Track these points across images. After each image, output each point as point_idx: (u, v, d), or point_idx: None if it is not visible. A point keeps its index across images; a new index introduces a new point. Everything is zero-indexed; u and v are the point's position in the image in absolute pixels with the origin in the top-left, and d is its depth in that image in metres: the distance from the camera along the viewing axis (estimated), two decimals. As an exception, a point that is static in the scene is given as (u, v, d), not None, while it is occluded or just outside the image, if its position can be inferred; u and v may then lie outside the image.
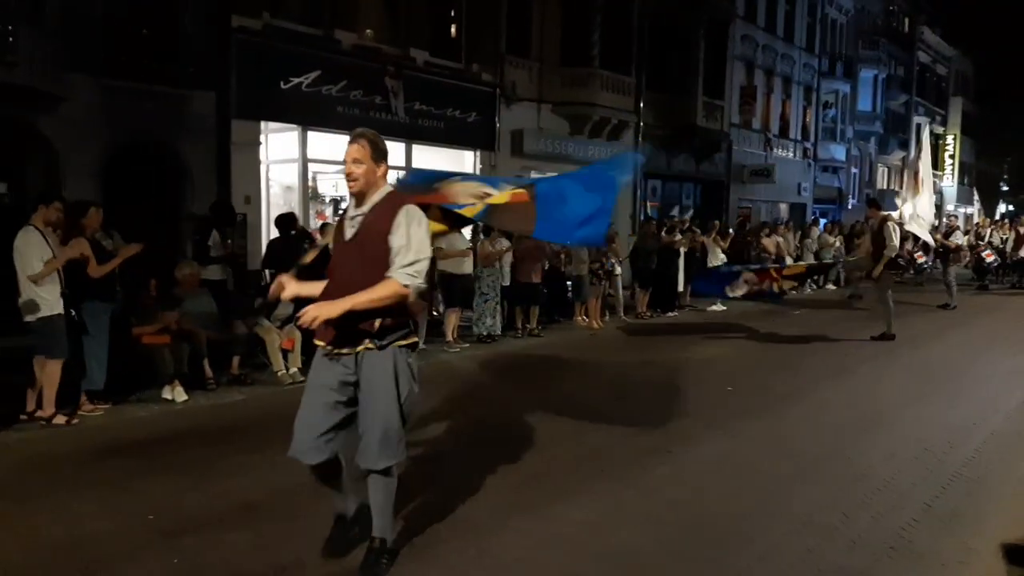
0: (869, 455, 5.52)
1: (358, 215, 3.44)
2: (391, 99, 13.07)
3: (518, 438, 5.79)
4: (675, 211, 21.54)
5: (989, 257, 20.49)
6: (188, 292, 7.55)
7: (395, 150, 13.76)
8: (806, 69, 28.13)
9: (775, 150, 26.09)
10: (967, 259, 20.03)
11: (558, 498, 4.56)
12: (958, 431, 6.13)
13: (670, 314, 13.49)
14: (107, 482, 4.76)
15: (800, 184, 28.26)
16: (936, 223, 25.00)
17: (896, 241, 10.54)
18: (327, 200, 13.31)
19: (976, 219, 34.19)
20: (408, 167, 14.01)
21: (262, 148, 12.01)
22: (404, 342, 3.42)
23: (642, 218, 17.96)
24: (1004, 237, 20.97)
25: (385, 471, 3.43)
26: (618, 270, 12.54)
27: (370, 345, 3.34)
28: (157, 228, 9.62)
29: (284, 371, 7.68)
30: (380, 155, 3.46)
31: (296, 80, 12.02)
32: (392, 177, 3.67)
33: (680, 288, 14.14)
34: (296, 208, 12.51)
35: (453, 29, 14.96)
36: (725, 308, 14.16)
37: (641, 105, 18.83)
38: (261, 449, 5.21)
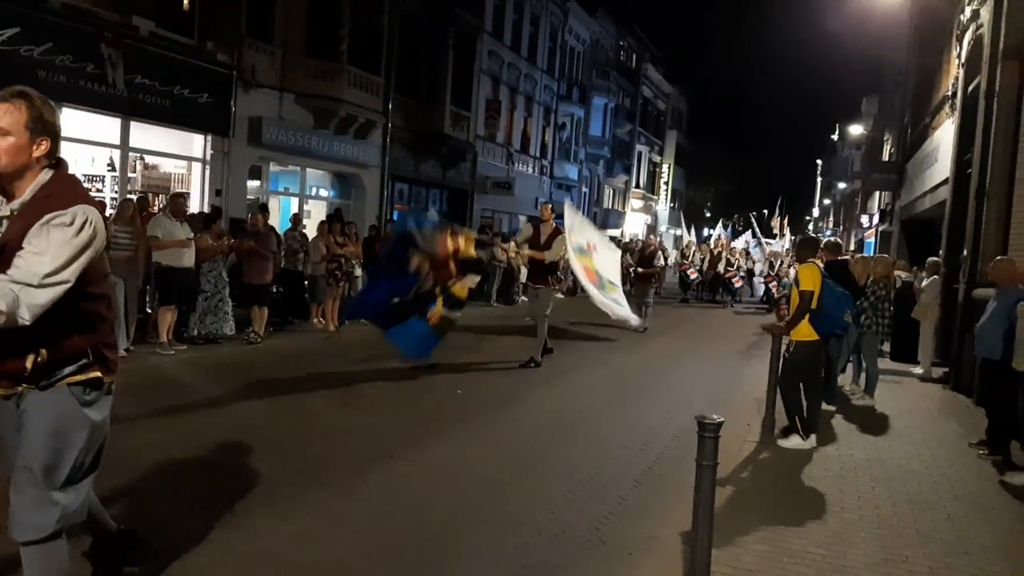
0: (574, 455, 5.91)
1: (4, 215, 2.52)
2: (107, 69, 11.65)
3: (229, 449, 5.39)
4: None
5: (692, 275, 23.34)
6: None
7: (111, 126, 12.38)
8: (546, 91, 29.99)
9: (516, 164, 27.46)
10: (662, 281, 22.26)
11: (268, 511, 4.29)
12: (652, 431, 6.78)
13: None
14: None
15: (537, 198, 29.97)
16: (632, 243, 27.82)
17: (559, 253, 9.75)
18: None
19: (685, 240, 38.70)
20: (124, 146, 12.63)
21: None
22: (79, 377, 2.63)
23: (387, 220, 17.87)
24: (703, 257, 23.93)
25: (42, 540, 2.61)
26: (358, 271, 12.31)
27: (26, 387, 2.58)
28: None
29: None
30: (41, 127, 2.50)
31: (-13, 35, 10.29)
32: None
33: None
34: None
35: (186, 1, 13.75)
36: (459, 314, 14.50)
37: (390, 107, 18.77)
38: None
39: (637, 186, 44.18)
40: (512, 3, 26.25)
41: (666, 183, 49.97)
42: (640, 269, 15.77)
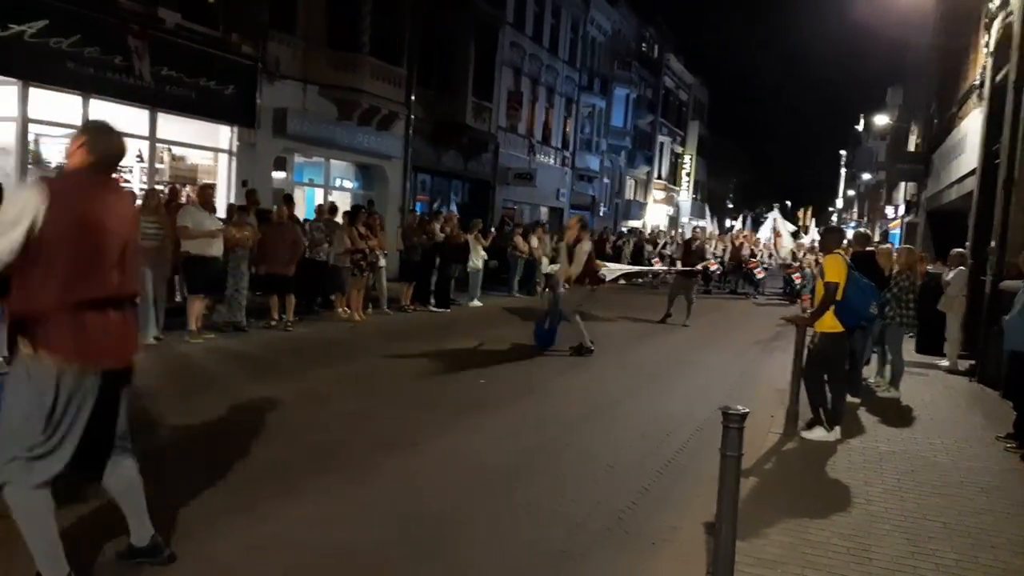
0: (595, 444, 5.93)
1: None
2: (134, 60, 11.79)
3: (250, 435, 5.48)
4: (437, 205, 21.77)
5: (713, 266, 23.19)
6: None
7: (138, 117, 12.52)
8: (568, 81, 29.88)
9: (537, 155, 27.42)
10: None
11: (281, 496, 4.36)
12: (674, 421, 6.79)
13: (445, 309, 13.60)
14: None
15: (559, 190, 29.97)
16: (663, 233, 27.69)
17: (581, 264, 9.83)
18: (52, 166, 11.72)
19: (707, 231, 38.47)
20: (151, 137, 12.80)
21: (-32, 102, 10.29)
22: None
23: (409, 210, 17.95)
24: (724, 248, 23.79)
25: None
26: (382, 262, 12.40)
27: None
28: None
29: None
30: None
31: (17, 28, 10.44)
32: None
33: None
34: (12, 174, 10.90)
35: (211, -7, 13.87)
36: (481, 304, 14.60)
37: (412, 98, 18.82)
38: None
39: (659, 177, 43.92)
40: (534, -7, 26.18)
41: (688, 174, 49.63)
42: (681, 264, 15.71)
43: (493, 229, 17.70)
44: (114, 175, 3.31)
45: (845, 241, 8.62)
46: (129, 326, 3.21)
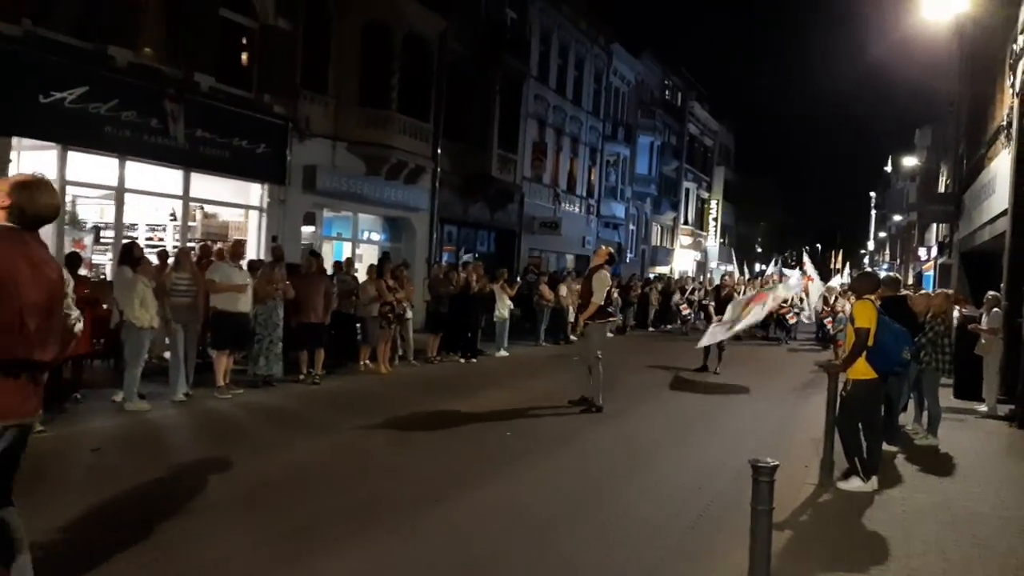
0: (628, 497, 5.85)
1: None
2: (169, 123, 12.18)
3: (287, 490, 5.50)
4: (462, 255, 21.91)
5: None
6: None
7: (172, 177, 12.89)
8: (592, 131, 30.23)
9: (563, 204, 27.62)
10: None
11: (322, 549, 4.37)
12: (707, 472, 6.67)
13: (472, 360, 13.61)
14: None
15: (584, 237, 30.05)
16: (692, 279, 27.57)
17: (602, 294, 9.45)
18: (88, 227, 12.07)
19: (735, 276, 38.23)
20: (185, 196, 13.14)
21: (12, 166, 10.66)
22: None
23: (435, 262, 18.12)
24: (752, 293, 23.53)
25: None
26: (409, 314, 12.49)
27: None
28: None
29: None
30: None
31: (59, 95, 10.87)
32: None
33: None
34: (50, 235, 11.24)
35: (244, 57, 14.36)
36: (508, 354, 14.58)
37: (439, 152, 19.16)
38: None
39: (685, 223, 43.91)
40: (557, 48, 26.67)
41: (715, 219, 49.57)
42: (714, 310, 15.52)
43: (519, 279, 17.76)
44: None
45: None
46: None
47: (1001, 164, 12.60)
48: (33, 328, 3.00)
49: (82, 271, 9.06)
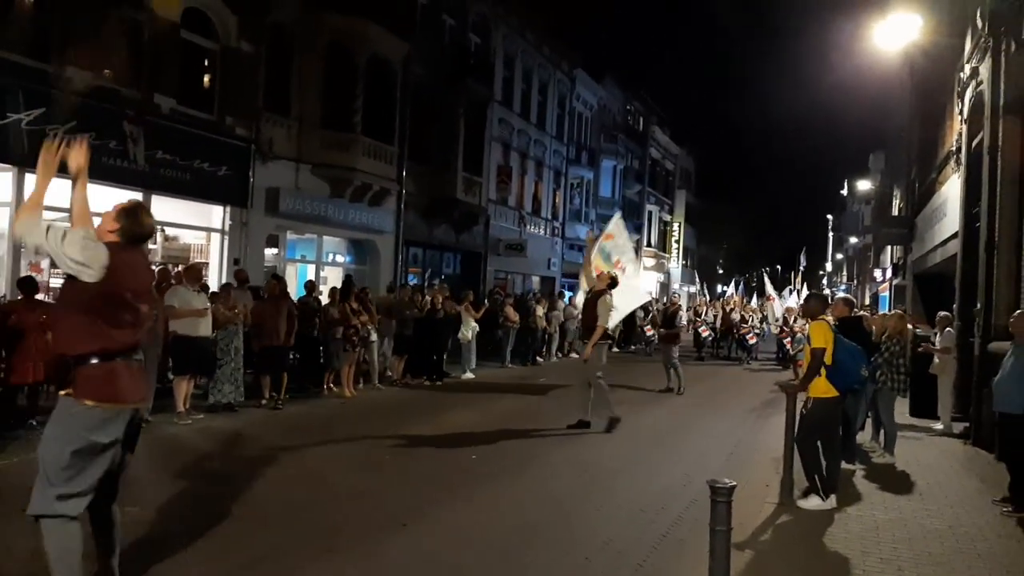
0: (591, 519, 5.86)
1: None
2: (129, 145, 12.05)
3: (249, 518, 5.40)
4: (427, 277, 21.85)
5: (705, 332, 23.30)
6: None
7: (132, 199, 12.67)
8: (556, 155, 30.52)
9: (528, 227, 27.78)
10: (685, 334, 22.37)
11: (283, 581, 4.29)
12: (670, 493, 6.71)
13: (438, 382, 13.54)
14: None
15: (550, 259, 30.23)
16: (655, 301, 27.90)
17: (607, 318, 9.81)
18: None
19: (698, 298, 38.69)
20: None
21: (-34, 188, 10.46)
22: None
23: (400, 284, 18.05)
24: (715, 314, 23.90)
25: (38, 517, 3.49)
26: (373, 336, 12.41)
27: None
28: None
29: None
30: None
31: (14, 116, 10.71)
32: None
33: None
34: (5, 258, 11.01)
35: (206, 79, 14.27)
36: (474, 376, 14.55)
37: (404, 174, 19.18)
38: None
39: (649, 245, 44.38)
40: (521, 73, 26.96)
41: (677, 241, 50.18)
42: (663, 330, 15.58)
43: (486, 301, 17.79)
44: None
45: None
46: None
47: (951, 188, 13.00)
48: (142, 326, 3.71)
49: (39, 296, 8.82)
